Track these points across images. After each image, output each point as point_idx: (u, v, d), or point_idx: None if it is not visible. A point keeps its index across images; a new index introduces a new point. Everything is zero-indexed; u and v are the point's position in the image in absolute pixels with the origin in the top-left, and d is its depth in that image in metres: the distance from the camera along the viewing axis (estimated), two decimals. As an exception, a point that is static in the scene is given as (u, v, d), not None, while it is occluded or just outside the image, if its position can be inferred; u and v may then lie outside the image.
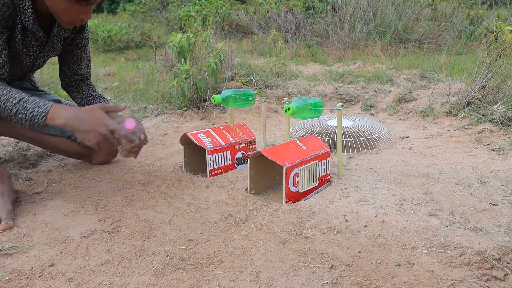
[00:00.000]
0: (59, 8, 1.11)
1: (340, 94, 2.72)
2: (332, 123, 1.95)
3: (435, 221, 1.10)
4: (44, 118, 1.07)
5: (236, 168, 1.56)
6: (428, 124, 2.15)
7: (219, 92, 2.47)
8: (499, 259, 0.91)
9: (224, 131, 1.57)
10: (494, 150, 1.68)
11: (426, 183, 1.37)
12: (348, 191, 1.32)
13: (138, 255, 0.96)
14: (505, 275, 0.87)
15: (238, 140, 1.56)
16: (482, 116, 1.99)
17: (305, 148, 1.34)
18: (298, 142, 1.37)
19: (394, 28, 4.84)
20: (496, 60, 2.08)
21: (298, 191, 1.27)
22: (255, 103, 2.12)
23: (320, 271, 0.90)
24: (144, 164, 1.61)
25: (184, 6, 7.87)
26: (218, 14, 5.86)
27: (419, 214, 1.15)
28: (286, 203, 1.23)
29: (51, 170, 1.53)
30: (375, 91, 2.77)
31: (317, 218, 1.13)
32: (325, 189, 1.36)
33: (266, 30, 5.67)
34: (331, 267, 0.91)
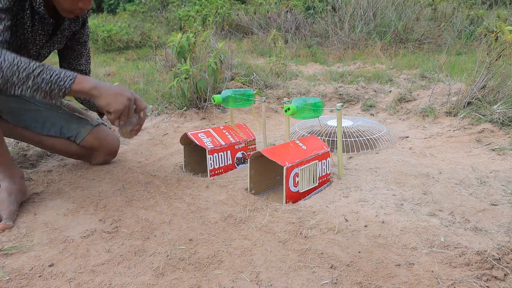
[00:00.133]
0: None
1: (340, 94, 2.72)
2: (332, 123, 1.95)
3: (435, 221, 1.10)
4: (72, 81, 1.03)
5: (236, 168, 1.56)
6: (428, 124, 2.15)
7: (219, 92, 2.47)
8: (499, 259, 0.91)
9: (224, 131, 1.57)
10: (494, 150, 1.68)
11: (426, 183, 1.37)
12: (348, 191, 1.32)
13: (138, 255, 0.96)
14: (505, 275, 0.87)
15: (238, 140, 1.56)
16: (482, 116, 1.99)
17: (305, 148, 1.34)
18: (298, 142, 1.37)
19: (394, 28, 4.84)
20: (496, 60, 2.08)
21: (298, 191, 1.27)
22: (255, 103, 2.12)
23: (320, 271, 0.90)
24: (144, 164, 1.61)
25: (184, 6, 7.87)
26: (218, 14, 5.86)
27: (419, 214, 1.15)
28: (286, 203, 1.23)
29: (51, 170, 1.53)
30: (375, 91, 2.77)
31: (317, 218, 1.13)
32: (325, 189, 1.36)
33: (266, 30, 5.67)
34: (331, 267, 0.91)
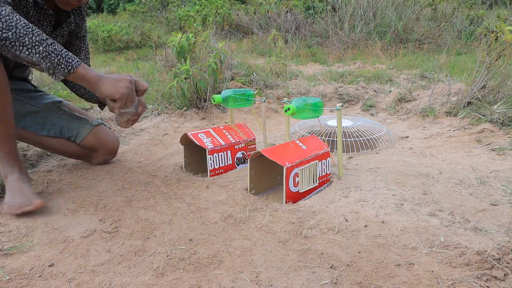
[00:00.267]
0: None
1: (340, 94, 2.72)
2: (332, 123, 1.95)
3: (435, 221, 1.10)
4: (79, 63, 1.10)
5: (236, 168, 1.56)
6: (428, 124, 2.15)
7: (219, 92, 2.47)
8: (499, 259, 0.91)
9: (224, 131, 1.57)
10: (494, 150, 1.68)
11: (426, 183, 1.37)
12: (348, 191, 1.32)
13: (138, 255, 0.96)
14: (505, 275, 0.87)
15: (238, 140, 1.56)
16: (482, 116, 1.99)
17: (305, 148, 1.34)
18: (298, 142, 1.37)
19: (394, 28, 4.84)
20: (496, 60, 2.08)
21: (298, 191, 1.27)
22: (255, 103, 2.12)
23: (320, 271, 0.90)
24: (144, 164, 1.61)
25: (184, 6, 7.87)
26: (218, 14, 5.86)
27: (419, 214, 1.15)
28: (286, 203, 1.23)
29: (51, 170, 1.53)
30: (375, 91, 2.77)
31: (317, 218, 1.13)
32: (325, 189, 1.36)
33: (266, 30, 5.67)
34: (331, 267, 0.91)
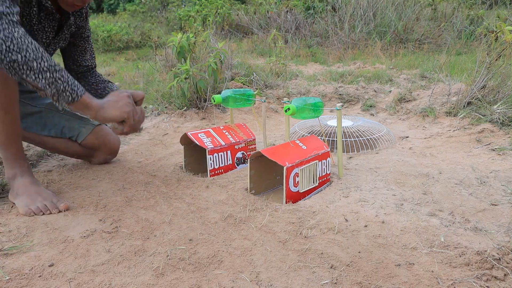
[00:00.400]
0: None
1: (340, 94, 2.72)
2: (332, 123, 1.95)
3: (435, 221, 1.10)
4: (83, 92, 1.08)
5: (236, 168, 1.56)
6: (428, 124, 2.15)
7: (219, 92, 2.47)
8: (499, 259, 0.91)
9: (224, 131, 1.57)
10: (494, 150, 1.68)
11: (426, 183, 1.37)
12: (348, 191, 1.32)
13: (138, 255, 0.96)
14: (505, 275, 0.87)
15: (238, 140, 1.56)
16: (482, 116, 1.99)
17: (305, 148, 1.34)
18: (298, 142, 1.37)
19: (394, 28, 4.84)
20: (496, 60, 2.08)
21: (298, 191, 1.27)
22: (255, 103, 2.12)
23: (320, 271, 0.90)
24: (144, 164, 1.61)
25: (184, 6, 7.87)
26: (218, 14, 5.86)
27: (419, 214, 1.15)
28: (286, 203, 1.23)
29: (51, 170, 1.53)
30: (375, 91, 2.77)
31: (317, 218, 1.13)
32: (325, 189, 1.36)
33: (266, 30, 5.67)
34: (331, 267, 0.91)
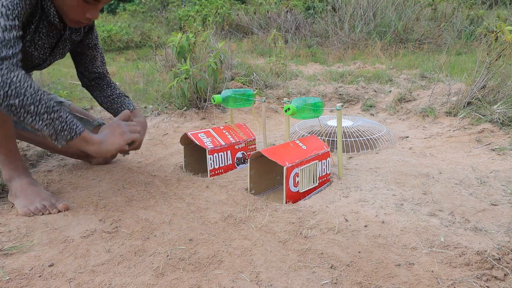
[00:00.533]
0: (67, 5, 1.12)
1: (340, 94, 2.72)
2: (332, 123, 1.95)
3: (435, 221, 1.10)
4: (83, 129, 1.10)
5: (236, 168, 1.56)
6: (428, 124, 2.15)
7: (219, 92, 2.47)
8: (499, 259, 0.91)
9: (224, 131, 1.57)
10: (494, 150, 1.68)
11: (426, 183, 1.37)
12: (348, 191, 1.32)
13: (138, 255, 0.96)
14: (505, 275, 0.87)
15: (238, 140, 1.56)
16: (482, 116, 1.99)
17: (305, 148, 1.34)
18: (298, 142, 1.37)
19: (394, 28, 4.84)
20: (496, 60, 2.08)
21: (298, 191, 1.27)
22: (255, 103, 2.12)
23: (320, 271, 0.90)
24: (144, 164, 1.61)
25: (184, 6, 7.87)
26: (218, 14, 5.86)
27: (419, 214, 1.15)
28: (286, 203, 1.23)
29: (51, 170, 1.53)
30: (375, 91, 2.77)
31: (317, 218, 1.13)
32: (325, 189, 1.36)
33: (266, 30, 5.67)
34: (331, 267, 0.91)
